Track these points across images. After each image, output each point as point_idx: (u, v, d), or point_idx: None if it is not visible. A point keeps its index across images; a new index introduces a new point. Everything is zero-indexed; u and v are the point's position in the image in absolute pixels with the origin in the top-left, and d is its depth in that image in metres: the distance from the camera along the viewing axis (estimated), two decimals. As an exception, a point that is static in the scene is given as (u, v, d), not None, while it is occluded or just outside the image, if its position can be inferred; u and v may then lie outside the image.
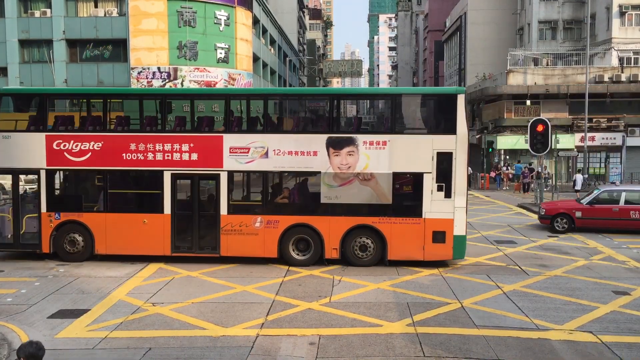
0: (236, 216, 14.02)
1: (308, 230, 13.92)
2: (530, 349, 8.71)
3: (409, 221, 13.64)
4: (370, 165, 13.61)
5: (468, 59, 53.09)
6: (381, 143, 13.62)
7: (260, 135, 14.01)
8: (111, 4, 38.53)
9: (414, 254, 13.74)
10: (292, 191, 14.39)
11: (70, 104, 24.84)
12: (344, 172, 13.68)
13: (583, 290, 11.86)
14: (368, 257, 13.88)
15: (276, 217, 13.97)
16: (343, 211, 13.81)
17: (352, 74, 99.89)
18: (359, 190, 13.73)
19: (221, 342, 9.05)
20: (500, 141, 37.02)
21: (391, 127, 14.01)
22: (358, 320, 10.00)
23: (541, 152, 24.60)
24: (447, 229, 13.54)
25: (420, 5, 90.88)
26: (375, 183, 13.66)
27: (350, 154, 13.65)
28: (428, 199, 13.51)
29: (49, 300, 11.26)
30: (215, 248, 14.11)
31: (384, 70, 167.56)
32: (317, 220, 13.87)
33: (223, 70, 40.09)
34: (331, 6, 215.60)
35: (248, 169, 14.15)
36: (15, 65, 37.89)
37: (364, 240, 13.84)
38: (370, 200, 13.77)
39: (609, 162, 35.58)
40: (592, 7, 39.54)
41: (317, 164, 13.75)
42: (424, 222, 13.58)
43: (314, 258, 13.96)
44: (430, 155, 13.46)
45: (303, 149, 13.79)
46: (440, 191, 13.48)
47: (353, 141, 13.66)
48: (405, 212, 13.73)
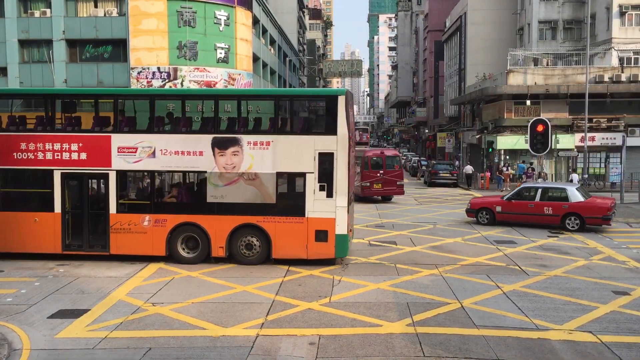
0: (125, 215, 14.31)
1: (195, 229, 14.18)
2: (530, 349, 8.71)
3: (293, 220, 13.89)
4: (255, 165, 13.89)
5: (468, 59, 53.09)
6: (265, 143, 13.90)
7: (148, 135, 14.32)
8: (111, 4, 38.53)
9: (298, 253, 14.00)
10: (179, 190, 14.71)
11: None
12: (229, 172, 13.97)
13: (583, 290, 11.86)
14: (254, 255, 14.14)
15: (164, 216, 14.25)
16: (229, 210, 14.06)
17: (352, 74, 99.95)
18: (244, 190, 14.00)
19: (221, 342, 9.05)
20: (500, 141, 37.02)
21: (274, 128, 14.21)
22: (358, 320, 10.00)
23: (541, 152, 24.61)
24: (329, 228, 13.76)
25: (420, 5, 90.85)
26: (260, 183, 13.94)
27: (235, 154, 13.94)
28: (310, 198, 13.77)
29: (49, 300, 11.26)
30: (105, 246, 14.38)
31: (384, 70, 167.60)
32: (204, 219, 14.12)
33: (223, 70, 40.09)
34: (331, 6, 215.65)
35: (136, 169, 14.47)
36: (15, 65, 37.88)
37: (250, 239, 14.10)
38: (255, 200, 14.03)
39: (609, 162, 35.57)
40: (592, 7, 39.53)
41: (203, 163, 14.04)
42: (307, 221, 13.83)
43: (202, 256, 14.24)
44: (312, 156, 13.72)
45: (189, 149, 14.10)
46: (322, 191, 13.73)
47: (237, 141, 13.94)
48: (288, 211, 13.95)
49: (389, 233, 18.85)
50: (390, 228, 19.87)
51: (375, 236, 18.22)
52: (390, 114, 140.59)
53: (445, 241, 17.35)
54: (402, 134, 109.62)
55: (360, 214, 23.47)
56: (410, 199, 29.70)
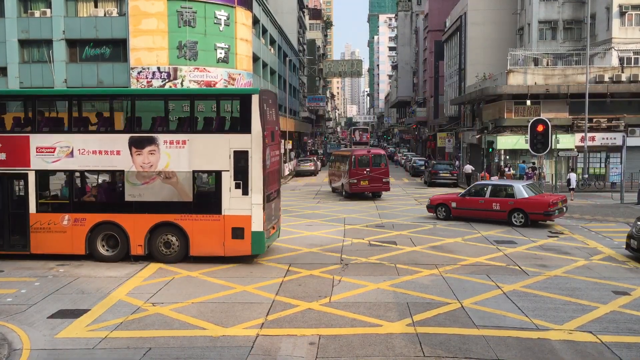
0: (45, 214, 14.51)
1: (114, 227, 14.36)
2: (530, 349, 8.71)
3: (210, 218, 14.10)
4: (171, 164, 14.08)
5: (468, 59, 53.09)
6: (181, 142, 14.13)
7: (65, 135, 14.48)
8: (111, 4, 38.52)
9: (215, 250, 14.18)
10: (98, 190, 14.92)
11: None
12: (146, 170, 14.18)
13: (583, 290, 11.86)
14: (173, 253, 14.30)
15: (83, 215, 14.45)
16: (147, 209, 14.24)
17: (352, 74, 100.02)
18: (161, 189, 14.18)
19: (221, 342, 9.05)
20: (501, 141, 37.01)
21: (190, 127, 14.40)
22: (358, 320, 10.00)
23: (541, 152, 24.61)
24: (245, 225, 13.96)
25: (420, 5, 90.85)
26: (177, 181, 14.12)
27: (151, 153, 14.13)
28: (227, 196, 13.97)
29: (49, 300, 11.27)
30: (26, 246, 14.56)
31: (384, 70, 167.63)
32: (123, 217, 14.32)
33: (223, 70, 40.10)
34: (331, 6, 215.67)
35: (54, 168, 14.61)
36: (15, 65, 37.88)
37: (168, 237, 14.27)
38: (172, 198, 14.18)
39: (609, 162, 35.58)
40: (592, 7, 39.53)
41: (120, 163, 14.23)
42: (224, 219, 14.03)
43: (121, 254, 14.41)
44: (227, 154, 13.93)
45: (107, 149, 14.29)
46: (238, 189, 13.93)
47: (154, 140, 14.16)
48: (205, 209, 14.15)
49: (389, 233, 18.85)
50: (390, 228, 19.88)
51: (375, 236, 18.22)
52: (391, 114, 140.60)
53: (445, 241, 17.35)
54: (402, 134, 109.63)
55: (360, 214, 23.48)
56: (410, 199, 29.70)
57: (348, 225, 20.41)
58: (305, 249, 16.29)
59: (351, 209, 25.15)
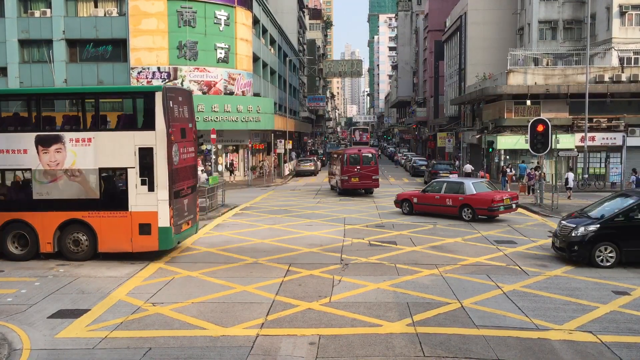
0: None
1: (24, 226, 14.51)
2: (530, 349, 8.71)
3: (117, 214, 14.31)
4: (78, 161, 14.27)
5: (468, 59, 53.10)
6: (86, 140, 14.33)
7: None
8: (111, 4, 38.53)
9: (123, 246, 14.37)
10: (7, 188, 15.00)
11: None
12: (53, 168, 14.39)
13: (583, 290, 11.86)
14: (82, 251, 14.51)
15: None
16: (55, 207, 14.42)
17: (352, 74, 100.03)
18: (68, 186, 14.39)
19: (221, 342, 9.05)
20: (501, 141, 37.01)
21: (95, 125, 14.54)
22: (358, 320, 9.99)
23: (541, 152, 24.60)
24: (152, 221, 14.20)
25: (420, 5, 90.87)
26: (83, 179, 14.32)
27: (58, 151, 14.30)
28: (133, 192, 14.19)
29: (49, 300, 11.27)
30: None
31: (384, 70, 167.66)
32: (31, 216, 14.50)
33: (223, 70, 40.10)
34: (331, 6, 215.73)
35: None
36: (15, 65, 37.89)
37: (77, 234, 14.45)
38: (80, 196, 14.37)
39: (609, 162, 35.57)
40: (592, 7, 39.53)
41: (28, 161, 14.42)
42: (131, 215, 14.28)
43: (32, 253, 14.59)
44: (132, 151, 14.14)
45: (14, 147, 14.48)
46: (144, 185, 14.15)
47: (60, 139, 14.37)
48: (112, 206, 14.39)
49: (389, 233, 18.85)
50: (390, 228, 19.88)
51: (375, 236, 18.22)
52: (391, 114, 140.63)
53: (445, 241, 17.34)
54: (402, 134, 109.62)
55: (360, 214, 23.48)
56: (410, 199, 29.70)
57: (348, 225, 20.41)
58: (305, 249, 16.29)
59: (351, 209, 25.15)
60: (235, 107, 39.71)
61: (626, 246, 13.70)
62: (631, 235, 13.74)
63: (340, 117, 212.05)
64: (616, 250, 13.73)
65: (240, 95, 41.26)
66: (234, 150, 43.17)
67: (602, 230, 13.83)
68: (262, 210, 25.01)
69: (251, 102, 41.36)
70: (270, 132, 47.69)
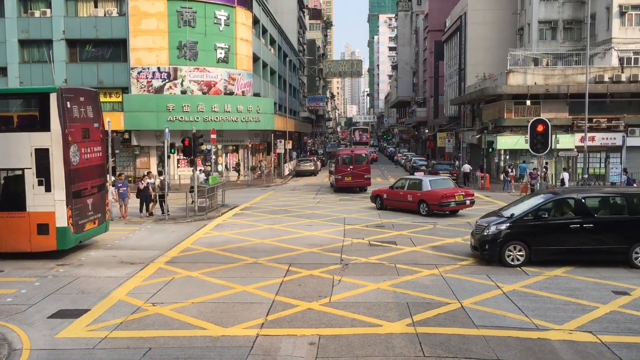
0: None
1: None
2: (530, 349, 8.71)
3: (15, 215, 14.40)
4: None
5: (468, 59, 53.09)
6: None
7: None
8: (111, 4, 38.52)
9: (21, 246, 14.46)
10: None
11: None
12: None
13: (583, 290, 11.86)
14: None
15: None
16: None
17: (352, 74, 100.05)
18: None
19: (221, 342, 9.05)
20: (500, 141, 37.01)
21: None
22: (358, 320, 9.99)
23: (541, 152, 24.55)
24: (50, 222, 14.31)
25: (420, 5, 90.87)
26: None
27: None
28: (31, 193, 14.29)
29: (49, 300, 11.26)
30: None
31: (384, 70, 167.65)
32: None
33: (223, 70, 40.09)
34: (331, 6, 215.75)
35: None
36: (15, 65, 37.88)
37: None
38: None
39: (609, 162, 35.58)
40: (592, 7, 39.52)
41: None
42: (29, 216, 14.39)
43: None
44: (29, 152, 14.21)
45: None
46: (41, 185, 14.27)
47: None
48: (10, 206, 14.48)
49: (389, 233, 18.85)
50: (390, 228, 19.87)
51: (375, 236, 18.22)
52: (390, 114, 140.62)
53: (445, 241, 17.34)
54: (402, 134, 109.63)
55: (360, 214, 23.48)
56: (410, 199, 29.70)
57: (348, 225, 20.41)
58: (305, 249, 16.29)
59: (351, 209, 25.15)
60: (235, 107, 39.71)
61: (535, 245, 13.83)
62: (540, 234, 13.86)
63: (340, 117, 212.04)
64: (525, 249, 13.85)
65: (240, 95, 41.26)
66: (234, 150, 43.18)
67: (512, 229, 13.96)
68: (262, 210, 25.01)
69: (251, 102, 41.36)
70: (270, 132, 47.68)
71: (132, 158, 39.34)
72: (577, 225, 13.73)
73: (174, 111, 37.59)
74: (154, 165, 38.31)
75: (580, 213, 13.90)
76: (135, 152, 39.14)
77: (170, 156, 28.05)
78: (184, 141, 23.17)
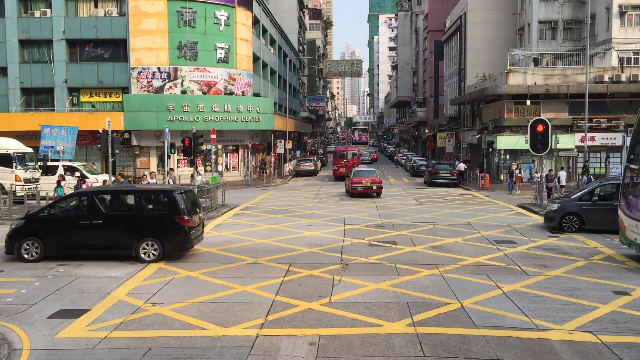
0: None
1: None
2: (530, 349, 8.70)
3: None
4: None
5: (468, 59, 53.09)
6: None
7: None
8: (111, 4, 38.52)
9: None
10: None
11: None
12: None
13: (583, 290, 11.85)
14: None
15: None
16: None
17: (352, 74, 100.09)
18: None
19: (221, 342, 9.04)
20: (501, 141, 37.01)
21: None
22: (358, 320, 9.99)
23: (541, 152, 24.61)
24: None
25: (420, 5, 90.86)
26: None
27: None
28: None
29: (49, 300, 11.25)
30: None
31: (384, 70, 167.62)
32: None
33: (223, 70, 40.10)
34: (331, 6, 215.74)
35: None
36: (15, 65, 37.88)
37: None
38: None
39: (609, 162, 35.57)
40: (592, 7, 39.53)
41: None
42: None
43: None
44: None
45: None
46: None
47: None
48: None
49: (389, 233, 18.85)
50: (390, 228, 19.87)
51: (375, 236, 18.22)
52: (390, 114, 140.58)
53: (445, 241, 17.34)
54: (402, 134, 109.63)
55: (360, 214, 23.48)
56: (410, 199, 29.72)
57: (348, 225, 20.41)
58: (305, 249, 16.29)
59: (351, 209, 25.15)
60: (235, 107, 39.71)
61: (49, 240, 14.42)
62: (53, 230, 14.51)
63: (340, 117, 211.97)
64: (41, 244, 14.36)
65: (240, 95, 41.26)
66: (234, 150, 43.19)
67: (28, 225, 14.57)
68: (262, 210, 25.01)
69: (251, 102, 41.36)
70: (270, 132, 47.69)
71: (132, 158, 39.37)
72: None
73: (174, 111, 37.59)
74: (154, 165, 38.34)
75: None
76: (135, 152, 39.16)
77: (171, 156, 28.05)
78: (184, 141, 23.18)
